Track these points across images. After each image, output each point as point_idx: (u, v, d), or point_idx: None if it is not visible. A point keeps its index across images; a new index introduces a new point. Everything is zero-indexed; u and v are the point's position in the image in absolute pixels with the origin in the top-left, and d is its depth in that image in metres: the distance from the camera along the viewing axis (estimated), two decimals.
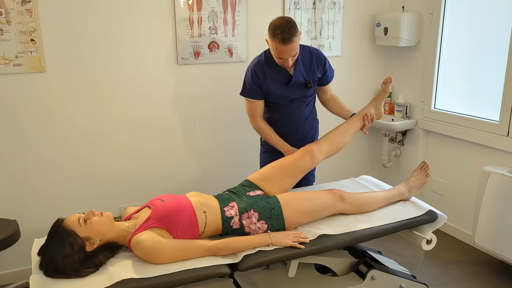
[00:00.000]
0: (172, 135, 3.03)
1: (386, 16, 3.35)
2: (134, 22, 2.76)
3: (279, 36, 2.19)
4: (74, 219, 1.74)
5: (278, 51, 2.24)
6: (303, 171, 2.25)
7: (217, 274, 1.76)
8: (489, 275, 2.79)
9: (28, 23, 2.50)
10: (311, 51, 2.47)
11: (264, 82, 2.42)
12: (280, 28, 2.19)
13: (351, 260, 2.25)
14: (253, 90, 2.44)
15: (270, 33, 2.24)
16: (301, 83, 2.45)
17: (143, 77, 2.86)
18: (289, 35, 2.19)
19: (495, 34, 2.89)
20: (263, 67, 2.42)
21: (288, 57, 2.26)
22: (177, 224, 1.84)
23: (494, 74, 2.89)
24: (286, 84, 2.44)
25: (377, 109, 2.43)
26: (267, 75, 2.41)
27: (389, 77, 2.40)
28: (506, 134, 2.79)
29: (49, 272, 1.68)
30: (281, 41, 2.20)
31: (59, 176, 2.77)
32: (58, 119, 2.70)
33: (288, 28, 2.19)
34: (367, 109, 2.40)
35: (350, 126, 2.36)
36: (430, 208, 2.23)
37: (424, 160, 2.38)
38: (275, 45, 2.24)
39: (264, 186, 2.17)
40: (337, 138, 2.32)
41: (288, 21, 2.22)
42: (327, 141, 2.30)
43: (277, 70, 2.41)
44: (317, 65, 2.47)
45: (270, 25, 2.26)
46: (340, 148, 2.35)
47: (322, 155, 2.28)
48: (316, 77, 2.49)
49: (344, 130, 2.34)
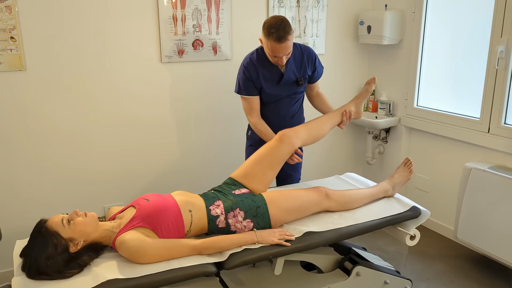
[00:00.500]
0: (156, 134, 3.01)
1: (369, 14, 3.37)
2: (117, 20, 2.72)
3: (274, 34, 2.21)
4: (57, 220, 1.72)
5: (273, 49, 2.27)
6: (282, 159, 2.23)
7: (203, 273, 1.75)
8: (471, 269, 2.85)
9: (8, 20, 2.45)
10: (303, 49, 2.50)
11: (257, 79, 2.44)
12: (275, 27, 2.21)
13: (336, 257, 2.27)
14: (247, 87, 2.46)
15: (265, 32, 2.26)
16: (292, 80, 2.48)
17: (126, 76, 2.83)
18: (284, 33, 2.22)
19: (476, 32, 2.93)
20: (255, 64, 2.44)
21: (283, 55, 2.29)
22: (162, 224, 1.83)
23: (475, 71, 2.94)
24: (277, 82, 2.47)
25: (357, 108, 2.46)
26: (260, 72, 2.43)
27: (373, 77, 2.45)
28: (487, 131, 2.84)
29: (31, 274, 1.66)
30: (276, 40, 2.22)
31: (41, 176, 2.73)
32: (39, 119, 2.66)
33: (283, 27, 2.22)
34: (348, 106, 2.44)
35: (329, 119, 2.39)
36: (414, 204, 2.26)
37: (408, 157, 2.41)
38: (270, 44, 2.26)
39: (247, 183, 2.16)
40: (316, 128, 2.33)
41: (283, 20, 2.24)
42: (305, 129, 2.30)
43: (269, 68, 2.43)
44: (308, 62, 2.50)
45: (264, 24, 2.27)
46: (317, 138, 2.35)
47: (299, 141, 2.26)
48: (307, 75, 2.52)
49: (322, 122, 2.36)
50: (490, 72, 2.77)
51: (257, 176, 2.17)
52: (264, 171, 2.18)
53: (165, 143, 3.05)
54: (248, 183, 2.17)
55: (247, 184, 2.16)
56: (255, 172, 2.18)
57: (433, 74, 3.26)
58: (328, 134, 3.62)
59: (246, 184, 2.17)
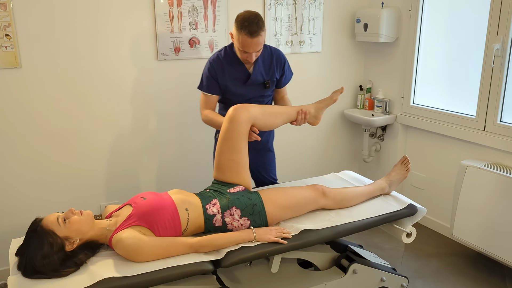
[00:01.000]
0: (152, 131, 3.00)
1: (366, 12, 3.37)
2: (113, 17, 2.71)
3: (247, 28, 2.14)
4: (53, 219, 1.71)
5: (244, 44, 2.19)
6: (240, 138, 2.09)
7: (200, 271, 1.75)
8: (467, 266, 2.86)
9: (3, 17, 2.43)
10: (272, 51, 2.43)
11: (222, 77, 2.37)
12: (248, 20, 2.15)
13: (333, 255, 2.28)
14: (209, 84, 2.39)
15: (237, 25, 2.18)
16: (259, 82, 2.41)
17: (122, 73, 2.81)
18: (257, 28, 2.15)
19: (472, 30, 2.94)
20: (221, 62, 2.37)
21: (253, 51, 2.22)
22: (159, 222, 1.82)
23: (471, 69, 2.95)
24: (244, 82, 2.40)
25: (316, 112, 2.31)
26: (226, 70, 2.37)
27: (342, 88, 2.39)
28: (483, 129, 2.85)
29: (27, 272, 1.65)
30: (248, 34, 2.15)
31: (36, 174, 2.71)
32: (35, 117, 2.64)
33: (256, 21, 2.16)
34: (307, 107, 2.29)
35: (285, 112, 2.25)
36: (410, 202, 2.26)
37: (405, 155, 2.41)
38: (241, 38, 2.18)
39: (227, 178, 2.12)
40: (271, 114, 2.20)
41: (256, 15, 2.19)
42: (260, 108, 2.16)
43: (236, 66, 2.37)
44: (277, 65, 2.44)
45: (237, 17, 2.20)
46: (269, 125, 2.22)
47: (251, 116, 2.10)
48: (274, 78, 2.45)
49: (279, 113, 2.24)
50: (486, 70, 2.77)
51: (227, 167, 2.11)
52: (230, 158, 2.09)
53: (161, 141, 3.04)
54: (227, 177, 2.12)
55: (228, 179, 2.11)
56: (223, 164, 2.12)
57: (430, 72, 3.27)
58: (324, 131, 3.65)
59: (227, 179, 2.12)
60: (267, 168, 2.66)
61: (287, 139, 3.50)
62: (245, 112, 2.08)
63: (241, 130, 2.09)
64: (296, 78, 3.25)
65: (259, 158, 2.57)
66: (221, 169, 2.14)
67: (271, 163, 2.67)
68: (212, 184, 2.17)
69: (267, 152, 2.65)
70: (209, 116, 2.39)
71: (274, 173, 2.70)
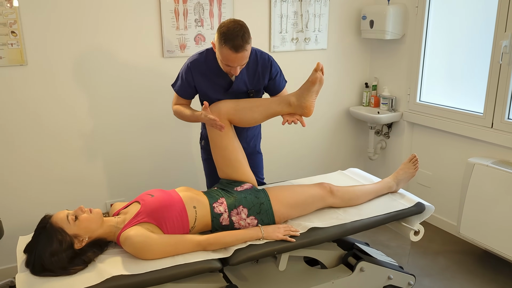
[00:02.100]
0: (158, 129, 2.99)
1: (372, 9, 3.35)
2: (119, 15, 2.70)
3: (230, 43, 1.93)
4: (62, 216, 1.70)
5: (227, 58, 1.98)
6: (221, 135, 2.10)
7: (208, 269, 1.74)
8: (474, 264, 2.85)
9: (8, 14, 2.42)
10: (258, 57, 2.20)
11: (201, 83, 2.19)
12: (233, 33, 1.93)
13: (340, 252, 2.27)
14: (183, 88, 2.23)
15: (221, 37, 1.96)
16: (242, 91, 2.22)
17: (128, 71, 2.81)
18: (242, 42, 1.93)
19: (480, 27, 2.92)
20: (201, 67, 2.17)
21: (238, 65, 2.01)
22: (167, 219, 1.82)
23: (478, 66, 2.93)
24: (225, 90, 2.21)
25: (299, 101, 2.10)
26: (205, 76, 2.17)
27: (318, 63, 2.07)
28: (490, 126, 2.83)
29: (36, 270, 1.64)
30: (232, 49, 1.93)
31: (43, 172, 2.71)
32: (40, 114, 2.64)
33: (241, 34, 1.93)
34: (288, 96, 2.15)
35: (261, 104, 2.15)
36: (418, 200, 2.25)
37: (414, 154, 2.38)
38: (224, 52, 1.96)
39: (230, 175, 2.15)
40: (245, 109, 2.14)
41: (242, 26, 1.96)
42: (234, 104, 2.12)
43: (218, 72, 2.16)
44: (263, 73, 2.22)
45: (220, 28, 1.97)
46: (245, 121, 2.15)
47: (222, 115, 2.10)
48: (260, 86, 2.26)
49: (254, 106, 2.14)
50: (494, 67, 2.75)
51: (221, 164, 2.16)
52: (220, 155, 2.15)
53: (167, 138, 3.03)
54: (227, 174, 2.15)
55: (230, 176, 2.15)
56: (218, 161, 2.18)
57: (436, 69, 3.25)
58: (329, 129, 3.64)
59: (228, 176, 2.15)
60: (255, 171, 2.52)
61: (292, 136, 3.49)
62: (215, 109, 2.11)
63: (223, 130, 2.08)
64: (301, 75, 3.23)
65: (248, 161, 2.35)
66: (220, 167, 2.19)
67: (259, 165, 2.59)
68: (220, 183, 2.17)
69: (256, 155, 2.54)
70: (179, 110, 2.25)
71: (262, 174, 2.62)
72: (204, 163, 2.52)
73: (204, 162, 2.51)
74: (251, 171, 2.22)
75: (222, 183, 2.17)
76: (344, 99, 3.67)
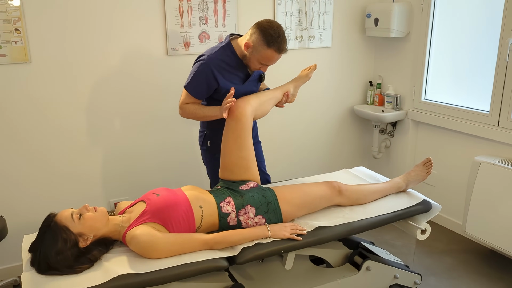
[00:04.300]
0: (161, 127, 2.98)
1: (376, 6, 3.33)
2: (123, 12, 2.68)
3: (278, 45, 2.06)
4: (67, 214, 1.69)
5: (270, 59, 2.11)
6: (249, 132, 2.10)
7: (215, 267, 1.73)
8: (480, 263, 2.83)
9: (12, 11, 2.41)
10: None
11: (224, 81, 2.20)
12: (278, 36, 2.05)
13: (345, 251, 2.25)
14: (199, 88, 2.19)
15: (265, 39, 2.04)
16: (255, 78, 2.31)
17: (132, 69, 2.79)
18: (285, 44, 2.10)
19: (486, 24, 2.90)
20: (221, 64, 2.18)
21: (273, 63, 2.17)
22: (173, 219, 1.80)
23: (484, 64, 2.91)
24: (243, 81, 2.27)
25: (294, 91, 2.36)
26: (226, 73, 2.20)
27: (314, 64, 2.41)
28: (497, 124, 2.81)
29: (41, 269, 1.63)
30: (277, 51, 2.07)
31: (47, 170, 2.70)
32: (45, 112, 2.63)
33: (283, 37, 2.08)
34: (288, 86, 2.33)
35: (273, 97, 2.27)
36: (425, 198, 2.24)
37: (429, 157, 2.33)
38: (268, 53, 2.08)
39: (239, 176, 2.10)
40: (264, 102, 2.22)
41: (281, 28, 2.09)
42: (257, 99, 2.18)
43: (236, 66, 2.22)
44: None
45: (262, 29, 2.05)
46: (262, 114, 2.24)
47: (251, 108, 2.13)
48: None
49: (269, 99, 2.24)
50: (500, 65, 2.73)
51: (236, 165, 2.08)
52: (240, 156, 2.08)
53: (172, 136, 3.02)
54: (236, 176, 2.09)
55: (237, 177, 2.09)
56: (233, 162, 2.09)
57: (441, 67, 3.23)
58: (333, 127, 3.63)
59: (236, 177, 2.09)
60: (258, 160, 2.50)
61: (296, 134, 3.48)
62: (248, 106, 2.11)
63: (248, 126, 2.09)
64: None
65: None
66: (230, 168, 2.10)
67: (261, 155, 2.58)
68: (223, 181, 2.13)
69: (257, 144, 2.54)
70: (190, 109, 2.21)
71: (264, 164, 2.60)
72: (208, 165, 2.49)
73: (209, 164, 2.48)
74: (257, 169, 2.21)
75: (225, 181, 2.15)
76: (348, 97, 3.65)
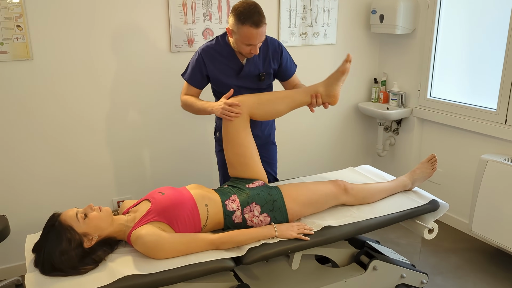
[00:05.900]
0: (165, 124, 2.95)
1: (382, 3, 3.30)
2: (126, 8, 2.65)
3: (250, 19, 2.00)
4: (72, 214, 1.66)
5: (249, 37, 2.04)
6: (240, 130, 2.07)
7: (221, 268, 1.70)
8: (486, 262, 2.81)
9: (14, 8, 2.38)
10: (268, 41, 2.27)
11: (212, 69, 2.23)
12: (250, 11, 2.02)
13: (351, 251, 2.23)
14: (194, 76, 2.25)
15: (238, 17, 2.03)
16: (253, 74, 2.27)
17: (135, 65, 2.76)
18: (260, 17, 2.03)
19: (493, 21, 2.86)
20: (213, 52, 2.22)
21: (259, 42, 2.08)
22: (178, 218, 1.78)
23: (491, 61, 2.87)
24: (237, 74, 2.25)
25: (327, 90, 2.16)
26: (217, 61, 2.22)
27: (348, 55, 2.14)
28: (504, 122, 2.78)
29: (45, 269, 1.60)
30: (253, 25, 2.01)
31: (49, 169, 2.67)
32: (46, 110, 2.60)
33: (257, 11, 2.03)
34: (316, 86, 2.17)
35: (287, 96, 2.17)
36: (433, 197, 2.21)
37: (433, 154, 2.30)
38: (245, 30, 2.03)
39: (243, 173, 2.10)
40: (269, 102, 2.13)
41: (255, 4, 2.05)
42: (255, 97, 2.12)
43: (229, 58, 2.22)
44: (273, 57, 2.28)
45: (236, 10, 2.04)
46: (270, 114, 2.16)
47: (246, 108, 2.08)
48: (271, 69, 2.30)
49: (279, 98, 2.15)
50: (508, 62, 2.70)
51: (235, 161, 2.10)
52: (236, 152, 2.08)
53: (176, 133, 2.99)
54: (240, 172, 2.10)
55: (242, 174, 2.10)
56: (231, 159, 2.10)
57: (448, 64, 3.20)
58: (338, 124, 3.59)
59: (241, 174, 2.10)
60: (270, 163, 2.53)
61: (300, 132, 3.45)
62: (236, 102, 2.06)
63: (238, 124, 2.06)
64: (310, 70, 3.20)
65: (262, 152, 2.39)
66: (231, 164, 2.13)
67: (274, 157, 2.57)
68: (231, 181, 2.13)
69: (271, 145, 2.54)
70: (188, 101, 2.25)
71: (276, 168, 2.59)
72: (217, 155, 2.52)
73: (218, 154, 2.50)
74: (263, 168, 2.18)
75: (233, 180, 2.13)
76: (353, 94, 3.62)
